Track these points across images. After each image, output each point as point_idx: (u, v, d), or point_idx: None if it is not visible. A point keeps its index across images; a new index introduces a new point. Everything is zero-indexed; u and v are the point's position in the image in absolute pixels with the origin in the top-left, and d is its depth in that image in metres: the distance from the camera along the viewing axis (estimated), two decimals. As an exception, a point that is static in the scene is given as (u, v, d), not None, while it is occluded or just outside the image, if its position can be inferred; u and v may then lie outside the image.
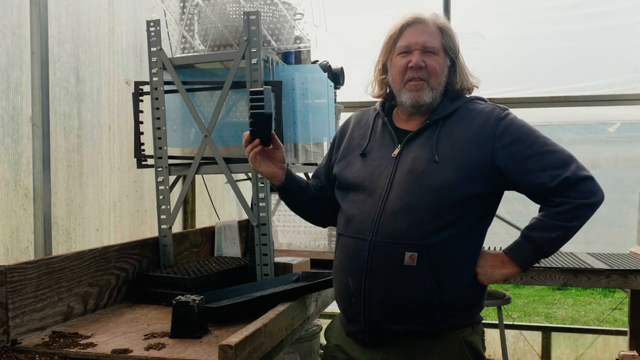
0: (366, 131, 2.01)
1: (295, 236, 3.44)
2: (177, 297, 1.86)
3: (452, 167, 1.79)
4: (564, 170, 1.78)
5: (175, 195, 2.69)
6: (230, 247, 3.16)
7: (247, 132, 1.88)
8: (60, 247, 2.60)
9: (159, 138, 2.63)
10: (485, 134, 1.82)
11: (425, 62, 1.87)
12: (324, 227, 2.35)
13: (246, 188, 2.67)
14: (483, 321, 1.99)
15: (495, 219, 1.98)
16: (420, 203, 1.79)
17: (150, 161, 2.71)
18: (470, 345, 1.85)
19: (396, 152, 1.89)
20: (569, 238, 1.84)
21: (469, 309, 1.88)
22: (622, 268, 3.32)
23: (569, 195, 1.77)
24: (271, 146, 1.90)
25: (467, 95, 1.97)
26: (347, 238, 1.90)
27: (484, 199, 1.85)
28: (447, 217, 1.79)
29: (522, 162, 1.80)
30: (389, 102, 2.05)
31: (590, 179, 1.80)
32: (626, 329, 3.97)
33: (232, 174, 2.58)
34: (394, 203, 1.81)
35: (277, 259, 2.59)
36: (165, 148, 2.64)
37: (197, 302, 1.83)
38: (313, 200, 2.11)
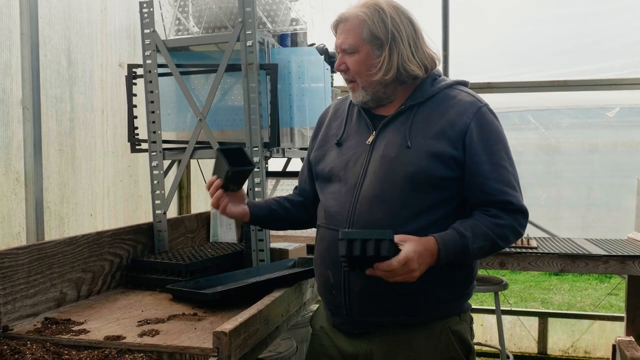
0: (342, 120, 1.95)
1: (292, 221, 3.40)
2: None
3: (424, 153, 1.73)
4: (510, 193, 1.74)
5: (170, 180, 2.66)
6: (226, 233, 3.14)
7: (219, 186, 1.85)
8: (53, 233, 2.57)
9: (153, 122, 2.60)
10: (461, 121, 1.76)
11: (346, 63, 1.82)
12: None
13: (242, 173, 2.64)
14: (480, 307, 1.94)
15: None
16: (393, 191, 1.74)
17: (144, 145, 2.67)
18: (457, 334, 1.80)
19: (371, 139, 1.83)
20: (487, 255, 1.78)
21: (455, 299, 1.82)
22: (620, 254, 3.32)
23: (505, 217, 1.73)
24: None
25: (448, 79, 1.88)
26: (326, 229, 1.84)
27: (458, 183, 1.77)
28: (423, 204, 1.73)
29: (478, 163, 1.74)
30: None
31: (526, 213, 1.77)
32: (622, 315, 3.98)
33: (227, 159, 2.54)
34: (367, 192, 1.76)
35: (273, 245, 2.57)
36: (159, 132, 2.61)
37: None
38: (291, 217, 2.06)
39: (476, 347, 1.95)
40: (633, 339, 3.74)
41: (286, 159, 3.62)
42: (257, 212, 1.97)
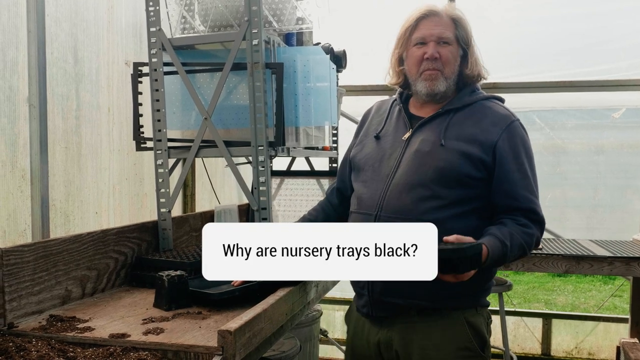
0: (383, 117, 2.13)
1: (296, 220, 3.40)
2: (160, 273, 2.00)
3: (456, 152, 1.89)
4: (535, 202, 1.92)
5: (174, 178, 2.66)
6: (230, 231, 3.13)
7: None
8: (59, 230, 2.58)
9: (158, 120, 2.60)
10: (494, 131, 1.92)
11: (439, 53, 1.97)
12: None
13: (246, 172, 2.64)
14: (484, 306, 2.04)
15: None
16: (424, 181, 1.89)
17: (150, 144, 2.67)
18: (473, 325, 1.91)
19: (407, 135, 2.01)
20: (517, 259, 1.99)
21: (472, 292, 1.93)
22: (625, 255, 3.31)
23: (532, 227, 1.90)
24: None
25: (485, 93, 2.07)
26: (356, 214, 2.02)
27: (484, 184, 1.92)
28: (449, 197, 1.88)
29: (509, 171, 1.90)
30: (405, 90, 2.15)
31: (544, 225, 1.95)
32: (627, 316, 3.96)
33: (232, 158, 2.54)
34: (399, 180, 1.92)
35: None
36: (164, 130, 2.61)
37: (169, 277, 1.96)
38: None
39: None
40: (637, 341, 3.73)
41: (291, 158, 3.62)
42: None
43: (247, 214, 3.27)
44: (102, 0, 2.89)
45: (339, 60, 3.26)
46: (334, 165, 3.62)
